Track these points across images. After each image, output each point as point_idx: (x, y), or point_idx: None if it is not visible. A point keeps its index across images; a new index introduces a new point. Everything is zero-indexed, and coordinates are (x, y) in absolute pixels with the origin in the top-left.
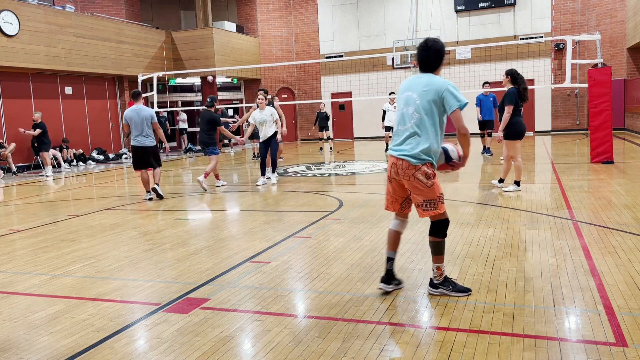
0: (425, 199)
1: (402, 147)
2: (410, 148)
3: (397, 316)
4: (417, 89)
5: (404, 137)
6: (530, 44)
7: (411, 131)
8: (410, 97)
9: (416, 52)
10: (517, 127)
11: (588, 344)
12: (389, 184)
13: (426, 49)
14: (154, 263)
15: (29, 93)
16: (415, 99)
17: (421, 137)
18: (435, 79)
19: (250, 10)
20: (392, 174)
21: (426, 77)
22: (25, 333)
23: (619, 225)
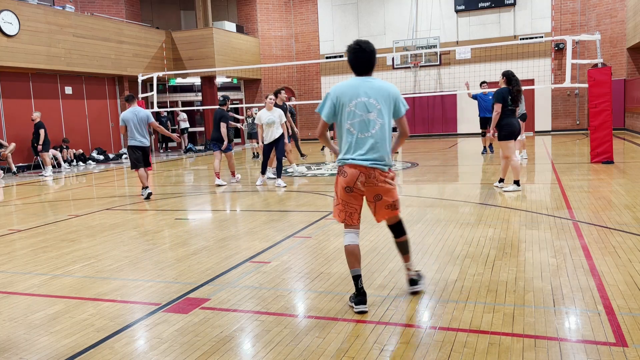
0: (394, 199)
1: (372, 156)
2: (379, 156)
3: (397, 316)
4: (375, 94)
5: (369, 144)
6: (530, 44)
7: (376, 138)
8: (370, 103)
9: (351, 55)
10: (508, 127)
11: (588, 344)
12: (346, 195)
13: (363, 50)
14: (154, 263)
15: (29, 93)
16: (375, 105)
17: (386, 142)
18: (385, 83)
19: (250, 10)
20: (356, 184)
21: (377, 82)
22: (25, 333)
23: (619, 225)
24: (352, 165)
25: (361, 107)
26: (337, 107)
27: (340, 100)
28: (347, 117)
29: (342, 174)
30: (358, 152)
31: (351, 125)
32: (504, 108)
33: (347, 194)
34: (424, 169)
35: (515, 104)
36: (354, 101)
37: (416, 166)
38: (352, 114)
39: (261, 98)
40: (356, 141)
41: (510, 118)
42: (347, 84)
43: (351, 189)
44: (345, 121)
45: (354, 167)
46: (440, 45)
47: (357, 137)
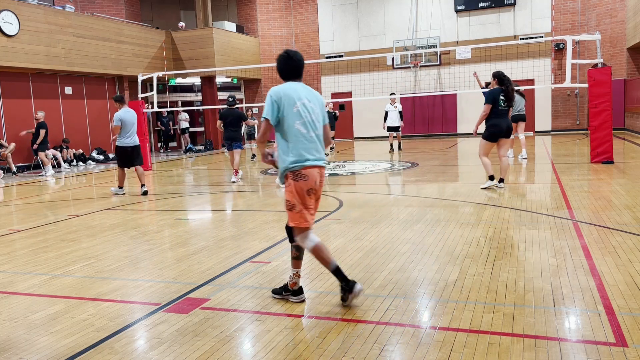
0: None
1: (322, 156)
2: (324, 156)
3: (397, 316)
4: (313, 99)
5: (318, 144)
6: (530, 44)
7: (320, 140)
8: (309, 106)
9: (282, 63)
10: (493, 128)
11: (588, 344)
12: (308, 198)
13: (291, 58)
14: (154, 263)
15: (29, 93)
16: (314, 108)
17: (323, 143)
18: (315, 91)
19: (250, 10)
20: (316, 184)
21: (310, 89)
22: (25, 333)
23: (619, 225)
24: (311, 167)
25: (306, 108)
26: (281, 109)
27: (285, 102)
28: (295, 117)
29: (302, 178)
30: (312, 152)
31: (301, 125)
32: (495, 109)
33: (308, 196)
34: (424, 169)
35: (509, 104)
36: (298, 102)
37: (416, 166)
38: (299, 114)
39: (261, 98)
40: (308, 141)
41: (498, 119)
42: (288, 87)
43: (312, 191)
44: (294, 121)
45: (313, 168)
46: (440, 45)
47: (308, 136)
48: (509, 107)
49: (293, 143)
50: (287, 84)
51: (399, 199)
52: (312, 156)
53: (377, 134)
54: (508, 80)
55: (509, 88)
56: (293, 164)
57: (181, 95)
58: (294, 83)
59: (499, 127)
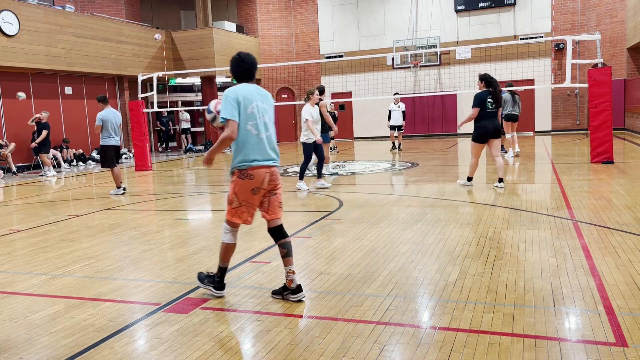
0: (281, 198)
1: (273, 156)
2: (277, 155)
3: (397, 316)
4: (264, 100)
5: (269, 145)
6: (530, 44)
7: (272, 139)
8: (262, 107)
9: (236, 66)
10: (480, 130)
11: (588, 344)
12: (251, 197)
13: (243, 61)
14: (154, 263)
15: (29, 93)
16: (266, 109)
17: (276, 143)
18: (266, 91)
19: (250, 10)
20: (263, 184)
21: (262, 90)
22: (25, 333)
23: (619, 225)
24: (259, 167)
25: (259, 110)
26: (240, 109)
27: (243, 103)
28: (248, 119)
29: (248, 177)
30: (262, 153)
31: (252, 127)
32: (482, 111)
33: (253, 195)
34: (424, 169)
35: (497, 105)
36: (252, 104)
37: (416, 166)
38: (252, 115)
39: None
40: (258, 142)
41: (486, 120)
42: (243, 88)
43: (257, 190)
44: (246, 122)
45: (261, 168)
46: (440, 45)
47: (258, 137)
48: (497, 108)
49: (242, 143)
50: (242, 85)
51: (399, 199)
52: (260, 157)
53: (377, 134)
54: (495, 82)
55: (496, 90)
56: (240, 163)
57: (181, 95)
58: (248, 84)
59: (486, 129)
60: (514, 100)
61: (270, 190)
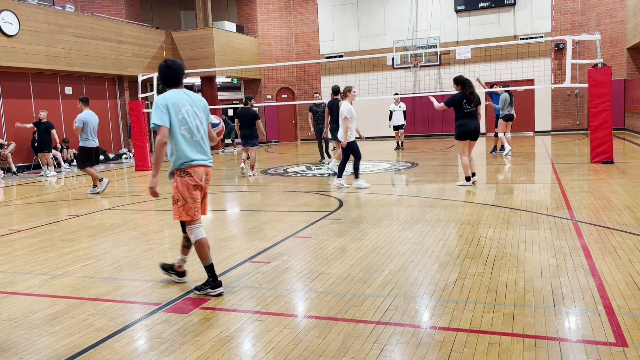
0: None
1: (207, 156)
2: (210, 156)
3: (397, 316)
4: (195, 104)
5: (202, 146)
6: (530, 44)
7: (204, 141)
8: (193, 111)
9: (163, 73)
10: (461, 128)
11: (588, 344)
12: (195, 193)
13: (169, 67)
14: (154, 263)
15: (29, 93)
16: (197, 113)
17: (208, 144)
18: (196, 94)
19: (250, 10)
20: (201, 181)
21: (191, 93)
22: (25, 333)
23: (619, 225)
24: (198, 165)
25: (190, 114)
26: (170, 114)
27: (173, 109)
28: (180, 124)
29: (188, 175)
30: (198, 153)
31: (185, 130)
32: (460, 111)
33: (196, 190)
34: (424, 169)
35: (471, 105)
36: (183, 109)
37: (416, 166)
38: (184, 120)
39: (261, 98)
40: (193, 144)
41: (465, 119)
42: (173, 94)
43: (198, 186)
44: (179, 127)
45: (199, 167)
46: (440, 45)
47: (192, 140)
48: (474, 107)
49: (179, 146)
50: (171, 92)
51: (399, 199)
52: (197, 156)
53: (377, 134)
54: (468, 83)
55: (467, 91)
56: (179, 163)
57: None
58: (177, 90)
59: (466, 127)
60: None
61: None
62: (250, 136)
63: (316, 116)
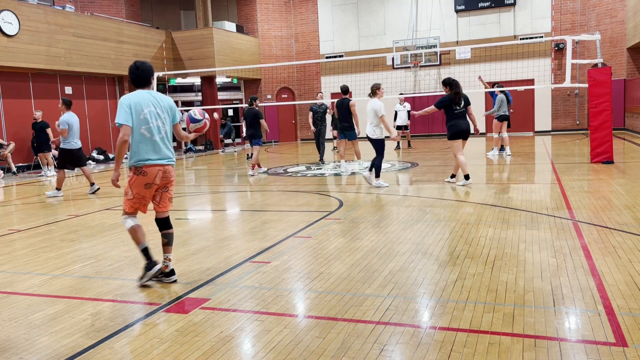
0: (172, 194)
1: (166, 155)
2: (171, 155)
3: (397, 316)
4: (158, 105)
5: (162, 146)
6: (530, 44)
7: (165, 141)
8: (155, 112)
9: (131, 74)
10: (453, 128)
11: (588, 344)
12: (144, 191)
13: (137, 68)
14: None
15: (29, 93)
16: (160, 114)
17: (171, 144)
18: (162, 95)
19: (250, 10)
20: (155, 180)
21: (156, 94)
22: (25, 333)
23: (619, 225)
24: (152, 165)
25: (152, 115)
26: (132, 114)
27: (135, 109)
28: (141, 124)
29: (142, 173)
30: (155, 153)
31: (146, 130)
32: (450, 112)
33: (146, 189)
34: (424, 169)
35: (460, 106)
36: (145, 110)
37: (416, 166)
38: (145, 120)
39: (261, 98)
40: (152, 144)
41: (456, 120)
42: (136, 95)
43: (150, 185)
44: (140, 127)
45: (154, 166)
46: (440, 45)
47: (151, 140)
48: (464, 108)
49: (137, 145)
50: (137, 92)
51: (399, 199)
52: (154, 156)
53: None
54: (455, 84)
55: (452, 93)
56: (136, 161)
57: (181, 95)
58: (143, 91)
59: (458, 127)
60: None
61: (163, 186)
62: (253, 135)
63: (316, 116)
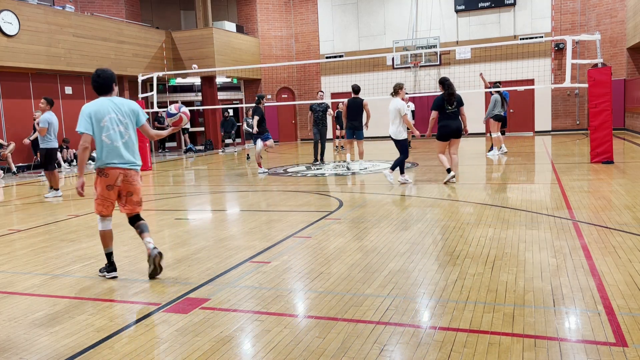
0: (140, 197)
1: (127, 160)
2: (134, 159)
3: (397, 316)
4: (119, 111)
5: (123, 151)
6: (530, 44)
7: (127, 145)
8: (116, 119)
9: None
10: (441, 130)
11: (588, 344)
12: (107, 192)
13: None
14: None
15: (29, 93)
16: (122, 120)
17: (135, 148)
18: (126, 100)
19: (250, 10)
20: (116, 182)
21: (117, 100)
22: (25, 333)
23: (619, 225)
24: (114, 168)
25: (112, 122)
26: (93, 122)
27: (95, 117)
28: (102, 131)
29: (104, 175)
30: (117, 157)
31: (106, 137)
32: (442, 113)
33: (108, 191)
34: (424, 169)
35: (452, 106)
36: (106, 117)
37: (416, 166)
38: (105, 128)
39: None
40: (113, 149)
41: (447, 120)
42: (97, 103)
43: (112, 187)
44: (101, 134)
45: (115, 169)
46: (440, 45)
47: (113, 145)
48: (456, 108)
49: (100, 150)
50: (97, 100)
51: (399, 199)
52: (115, 160)
53: (377, 134)
54: (449, 85)
55: (445, 93)
56: (99, 164)
57: (181, 95)
58: (104, 99)
59: (448, 128)
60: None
61: (127, 191)
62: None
63: (316, 116)
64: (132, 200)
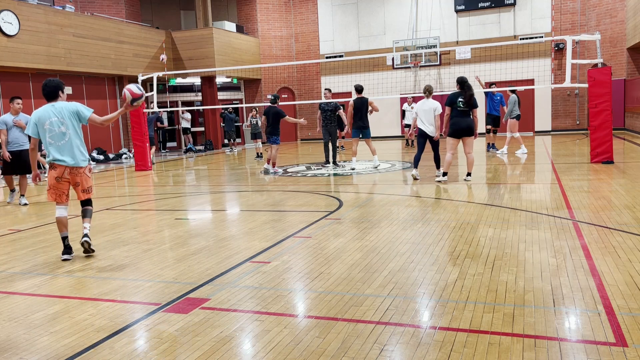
0: (89, 185)
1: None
2: (78, 155)
3: (397, 316)
4: (59, 114)
5: (66, 149)
6: (530, 44)
7: (69, 144)
8: (57, 122)
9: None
10: (453, 127)
11: (588, 344)
12: (57, 183)
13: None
14: (154, 263)
15: (29, 93)
16: (64, 122)
17: (79, 146)
18: (66, 103)
19: (250, 10)
20: (64, 175)
21: (59, 105)
22: (25, 333)
23: (619, 225)
24: (59, 164)
25: (54, 124)
26: (38, 127)
27: (39, 122)
28: (46, 133)
29: (53, 168)
30: (61, 155)
31: (50, 138)
32: (454, 110)
33: (57, 182)
34: (424, 169)
35: (467, 106)
36: (48, 121)
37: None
38: (49, 130)
39: (261, 98)
40: (57, 148)
41: (458, 118)
42: (41, 110)
43: (60, 179)
44: (45, 136)
45: (60, 165)
46: (440, 45)
47: (56, 145)
48: (468, 108)
49: (48, 148)
50: (42, 108)
51: (399, 199)
52: (59, 157)
53: (377, 134)
54: (468, 86)
55: (466, 93)
56: (50, 159)
57: (181, 95)
58: (47, 105)
59: (459, 125)
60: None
61: (75, 183)
62: (271, 133)
63: (324, 115)
64: (79, 189)
